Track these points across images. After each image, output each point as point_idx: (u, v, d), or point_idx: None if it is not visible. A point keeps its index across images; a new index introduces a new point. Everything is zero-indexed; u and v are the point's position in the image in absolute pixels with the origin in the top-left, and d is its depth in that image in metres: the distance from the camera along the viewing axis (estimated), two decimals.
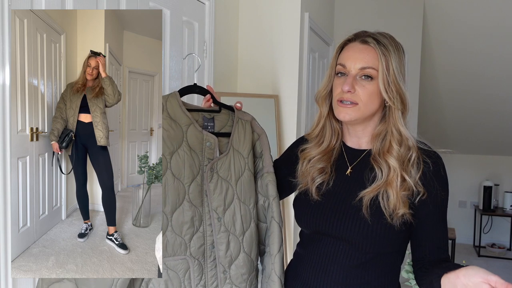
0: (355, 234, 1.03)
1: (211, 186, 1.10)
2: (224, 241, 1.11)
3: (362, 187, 1.05)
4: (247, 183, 1.14)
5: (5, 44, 1.13)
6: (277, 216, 1.14)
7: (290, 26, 2.52)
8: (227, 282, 1.12)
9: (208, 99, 1.20)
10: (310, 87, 2.74)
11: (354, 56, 1.04)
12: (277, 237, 1.13)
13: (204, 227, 1.09)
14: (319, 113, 1.15)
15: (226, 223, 1.11)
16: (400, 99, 1.03)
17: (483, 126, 4.80)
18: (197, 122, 1.11)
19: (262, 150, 1.18)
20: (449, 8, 3.65)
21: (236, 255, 1.13)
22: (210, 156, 1.11)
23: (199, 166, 1.09)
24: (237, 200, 1.13)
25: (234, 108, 1.20)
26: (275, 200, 1.15)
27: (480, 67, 4.05)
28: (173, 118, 1.09)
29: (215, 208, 1.10)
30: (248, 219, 1.14)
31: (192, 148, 1.09)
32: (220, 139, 1.14)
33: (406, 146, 1.04)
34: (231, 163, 1.13)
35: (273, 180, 1.16)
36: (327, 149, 1.13)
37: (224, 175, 1.12)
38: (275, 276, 1.13)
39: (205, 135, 1.11)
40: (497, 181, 5.25)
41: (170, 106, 1.09)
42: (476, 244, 5.26)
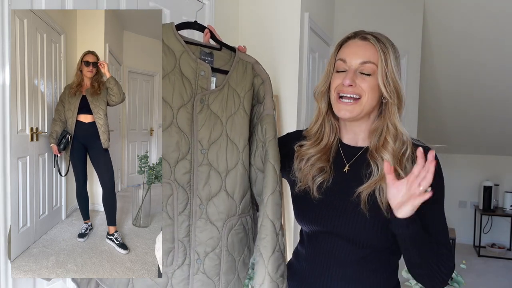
0: (354, 229, 1.04)
1: (200, 117, 1.09)
2: (204, 174, 1.09)
3: (360, 183, 1.06)
4: (239, 123, 1.12)
5: (5, 44, 1.13)
6: (272, 158, 1.10)
7: (290, 26, 2.52)
8: (202, 216, 1.09)
9: (206, 33, 1.21)
10: (310, 87, 2.74)
11: (355, 51, 1.07)
12: (271, 180, 1.08)
13: (192, 156, 1.08)
14: (318, 110, 1.17)
15: (210, 156, 1.09)
16: (397, 94, 1.06)
17: (483, 126, 4.80)
18: (193, 53, 1.11)
19: (264, 94, 1.16)
20: (448, 10, 3.66)
21: (216, 192, 1.10)
22: (204, 86, 1.10)
23: (190, 95, 1.09)
24: (224, 136, 1.11)
25: (236, 49, 1.19)
26: (271, 142, 1.11)
27: (481, 67, 4.05)
28: (167, 44, 1.09)
29: (200, 139, 1.09)
30: (235, 158, 1.11)
31: (185, 75, 1.09)
32: (218, 75, 1.13)
33: (401, 140, 1.05)
34: (224, 99, 1.11)
35: (271, 122, 1.13)
36: (325, 147, 1.14)
37: (215, 110, 1.10)
38: (267, 220, 1.07)
39: (199, 63, 1.10)
40: (497, 181, 5.25)
41: (164, 34, 1.10)
42: (476, 244, 5.26)
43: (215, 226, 1.09)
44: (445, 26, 3.83)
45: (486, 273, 4.41)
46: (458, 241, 4.93)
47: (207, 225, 1.09)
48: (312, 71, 2.82)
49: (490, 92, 4.29)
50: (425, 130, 4.56)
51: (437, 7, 3.71)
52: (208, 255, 1.09)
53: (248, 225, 1.17)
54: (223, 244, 1.11)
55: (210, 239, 1.09)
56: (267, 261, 1.05)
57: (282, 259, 1.09)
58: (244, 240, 1.16)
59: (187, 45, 1.11)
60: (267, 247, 1.06)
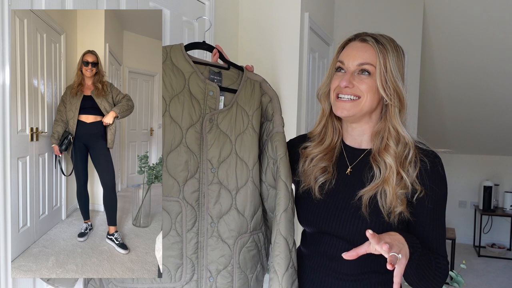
0: (354, 232, 1.04)
1: (209, 136, 1.10)
2: (214, 192, 1.10)
3: (362, 186, 1.06)
4: (248, 141, 1.13)
5: (5, 44, 1.13)
6: (284, 175, 1.11)
7: (290, 26, 2.51)
8: (213, 234, 1.10)
9: (214, 53, 1.22)
10: (310, 87, 2.74)
11: (353, 54, 1.07)
12: (283, 196, 1.10)
13: (200, 174, 1.09)
14: (321, 110, 1.17)
15: (220, 175, 1.10)
16: (398, 96, 1.05)
17: (483, 126, 4.80)
18: (202, 74, 1.12)
19: (273, 112, 1.18)
20: (449, 8, 3.65)
21: (226, 210, 1.11)
22: (212, 106, 1.11)
23: (199, 115, 1.10)
24: (234, 155, 1.12)
25: (244, 68, 1.20)
26: (282, 159, 1.12)
27: (480, 68, 4.05)
28: (176, 64, 1.10)
29: (210, 158, 1.10)
30: (245, 176, 1.12)
31: (194, 96, 1.10)
32: (226, 94, 1.15)
33: (403, 144, 1.05)
34: (232, 118, 1.13)
35: (281, 140, 1.15)
36: (329, 147, 1.14)
37: (224, 129, 1.12)
38: (280, 237, 1.08)
39: (208, 83, 1.11)
40: (497, 181, 5.25)
41: (173, 55, 1.11)
42: (476, 244, 5.26)
43: (226, 244, 1.11)
44: (445, 26, 3.83)
45: (486, 273, 4.41)
46: (458, 241, 4.93)
47: (218, 243, 1.10)
48: (312, 71, 2.82)
49: (490, 92, 4.29)
50: (425, 130, 4.56)
51: (437, 7, 3.71)
52: (220, 273, 1.11)
53: (261, 242, 1.18)
54: (235, 262, 1.12)
55: (221, 257, 1.11)
56: (281, 278, 1.07)
57: (295, 275, 1.11)
58: (257, 257, 1.17)
59: (195, 66, 1.12)
60: (281, 264, 1.07)
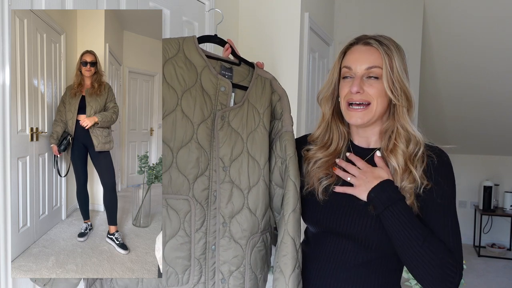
0: (362, 229, 1.04)
1: (221, 134, 1.07)
2: (226, 191, 1.07)
3: None
4: (260, 140, 1.11)
5: (5, 44, 1.13)
6: (293, 175, 1.09)
7: (290, 26, 2.51)
8: (225, 235, 1.08)
9: (227, 47, 1.20)
10: (310, 87, 2.74)
11: (359, 58, 1.06)
12: (292, 196, 1.08)
13: (210, 172, 1.06)
14: (321, 115, 1.16)
15: (232, 174, 1.08)
16: (405, 96, 1.05)
17: (483, 126, 4.80)
18: (214, 68, 1.10)
19: (282, 111, 1.16)
20: (449, 8, 3.65)
21: (239, 209, 1.09)
22: (224, 102, 1.09)
23: (211, 110, 1.08)
24: (245, 153, 1.10)
25: (254, 65, 1.18)
26: (291, 159, 1.11)
27: (480, 68, 4.04)
28: (188, 58, 1.08)
29: (222, 156, 1.07)
30: (256, 175, 1.10)
31: (206, 91, 1.07)
32: (237, 91, 1.13)
33: (414, 142, 1.05)
34: (244, 116, 1.11)
35: (291, 139, 1.13)
36: (334, 152, 1.13)
37: (235, 127, 1.10)
38: (288, 237, 1.06)
39: (220, 79, 1.09)
40: (497, 181, 5.24)
41: (186, 47, 1.08)
42: (476, 244, 5.26)
43: (239, 244, 1.09)
44: (445, 26, 3.83)
45: (486, 273, 4.41)
46: None
47: (231, 243, 1.08)
48: (312, 71, 2.82)
49: (490, 92, 4.29)
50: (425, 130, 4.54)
51: (437, 7, 3.71)
52: (232, 274, 1.09)
53: (268, 242, 1.18)
54: (247, 262, 1.10)
55: (234, 258, 1.09)
56: (288, 279, 1.05)
57: (301, 277, 1.09)
58: (265, 257, 1.16)
59: (208, 60, 1.10)
60: (288, 264, 1.06)
